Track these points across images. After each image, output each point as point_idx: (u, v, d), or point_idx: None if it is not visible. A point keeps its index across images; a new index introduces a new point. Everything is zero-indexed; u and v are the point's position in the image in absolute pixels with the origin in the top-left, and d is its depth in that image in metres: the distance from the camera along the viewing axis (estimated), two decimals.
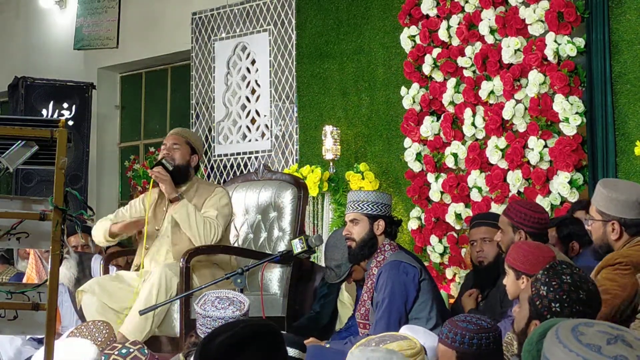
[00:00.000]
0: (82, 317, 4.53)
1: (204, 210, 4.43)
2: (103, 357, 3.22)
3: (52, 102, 7.99)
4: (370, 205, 4.07)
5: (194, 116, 7.71)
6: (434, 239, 5.80)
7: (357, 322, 4.18)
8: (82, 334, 3.60)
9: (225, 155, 7.44)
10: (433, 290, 4.06)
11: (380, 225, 4.07)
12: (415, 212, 5.96)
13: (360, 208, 4.09)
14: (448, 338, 2.83)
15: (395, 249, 4.10)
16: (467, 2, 5.69)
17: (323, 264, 4.88)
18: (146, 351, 3.34)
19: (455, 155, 5.67)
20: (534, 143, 5.24)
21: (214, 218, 4.38)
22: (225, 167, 7.42)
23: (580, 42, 5.19)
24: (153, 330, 4.18)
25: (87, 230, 6.00)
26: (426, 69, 5.88)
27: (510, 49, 5.37)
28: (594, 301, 2.61)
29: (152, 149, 8.22)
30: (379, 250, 4.07)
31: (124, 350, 3.24)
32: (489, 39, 5.55)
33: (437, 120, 5.85)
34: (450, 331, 2.84)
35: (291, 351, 3.05)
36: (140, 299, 4.14)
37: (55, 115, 7.94)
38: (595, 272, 3.10)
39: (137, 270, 4.51)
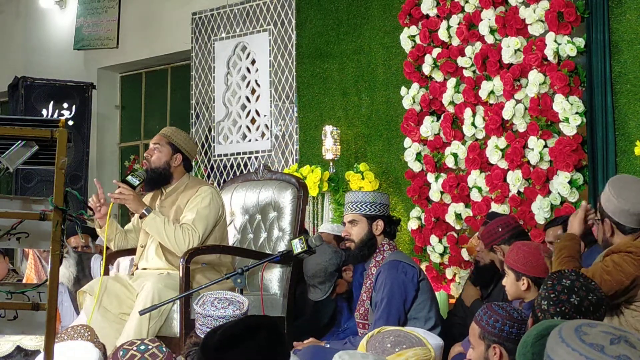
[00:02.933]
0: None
1: (184, 213, 4.41)
2: (121, 352, 3.23)
3: (52, 102, 7.99)
4: (368, 206, 4.07)
5: (194, 116, 7.71)
6: (434, 239, 5.80)
7: (357, 322, 4.18)
8: (62, 341, 3.57)
9: (225, 155, 7.44)
10: (431, 290, 4.07)
11: (379, 226, 4.08)
12: (415, 212, 5.95)
13: (358, 209, 4.09)
14: (479, 316, 2.95)
15: (394, 248, 4.11)
16: (467, 2, 5.69)
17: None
18: (164, 349, 3.35)
19: (455, 155, 5.67)
20: (534, 143, 5.24)
21: (190, 223, 4.30)
22: (225, 167, 7.42)
23: (580, 42, 5.18)
24: None
25: (87, 231, 6.02)
26: (426, 69, 5.88)
27: (510, 49, 5.37)
28: (589, 311, 2.61)
29: None
30: (377, 250, 4.07)
31: (142, 347, 3.25)
32: (489, 39, 5.55)
33: (437, 120, 5.85)
34: (483, 311, 2.97)
35: None
36: (132, 318, 4.13)
37: (55, 115, 7.94)
38: (604, 254, 3.11)
39: (137, 268, 4.51)
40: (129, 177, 4.35)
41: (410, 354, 2.57)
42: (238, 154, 7.36)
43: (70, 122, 7.90)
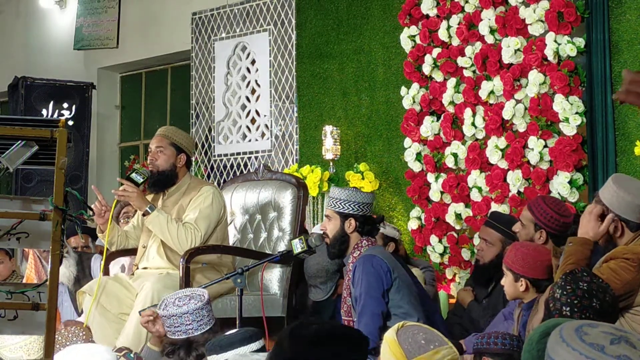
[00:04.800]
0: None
1: (187, 212, 4.41)
2: None
3: (52, 102, 7.99)
4: (341, 204, 4.03)
5: (194, 116, 7.71)
6: (434, 239, 5.80)
7: (342, 320, 4.16)
8: (58, 343, 3.55)
9: (225, 155, 7.44)
10: (408, 287, 3.99)
11: (351, 224, 4.03)
12: (415, 212, 5.95)
13: (333, 205, 4.07)
14: (473, 343, 3.09)
15: (373, 244, 4.06)
16: (467, 2, 5.69)
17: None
18: (132, 355, 3.35)
19: (455, 155, 5.67)
20: (534, 143, 5.24)
21: (192, 223, 4.30)
22: (225, 167, 7.42)
23: (580, 42, 5.19)
24: (146, 343, 4.15)
25: (87, 231, 6.01)
26: (426, 69, 5.88)
27: (510, 49, 5.37)
28: (608, 312, 2.62)
29: None
30: (356, 247, 4.03)
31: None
32: (489, 39, 5.55)
33: (437, 120, 5.85)
34: (474, 337, 3.12)
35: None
36: (131, 319, 4.12)
37: (55, 115, 7.94)
38: (603, 261, 3.08)
39: (137, 268, 4.51)
40: (133, 175, 4.34)
41: (445, 352, 2.58)
42: (238, 154, 7.36)
43: (70, 122, 7.90)
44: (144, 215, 4.35)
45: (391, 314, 3.87)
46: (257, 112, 7.32)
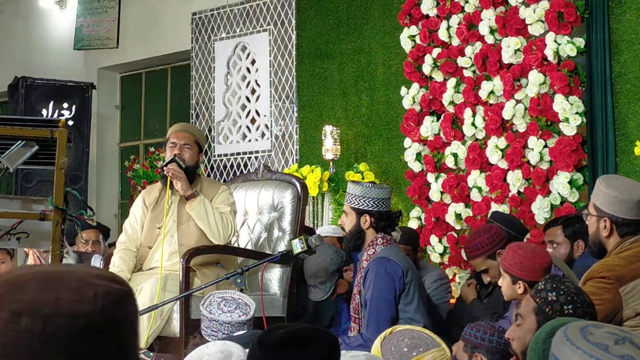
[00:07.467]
0: None
1: (217, 206, 4.43)
2: None
3: (52, 102, 7.99)
4: (357, 199, 3.99)
5: (194, 116, 7.71)
6: (434, 239, 5.80)
7: (351, 316, 4.15)
8: None
9: (225, 155, 7.44)
10: (420, 291, 4.00)
11: (366, 220, 4.00)
12: (415, 212, 5.95)
13: (348, 201, 4.04)
14: (464, 332, 3.08)
15: (389, 243, 4.02)
16: (467, 2, 5.69)
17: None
18: (151, 354, 3.36)
19: (455, 155, 5.67)
20: (534, 143, 5.24)
21: (229, 214, 4.40)
22: (225, 167, 7.42)
23: (580, 42, 5.19)
24: (147, 345, 4.13)
25: (99, 227, 5.99)
26: (426, 69, 5.88)
27: (510, 49, 5.37)
28: (594, 305, 2.69)
29: (152, 149, 8.20)
30: (370, 244, 4.00)
31: None
32: (489, 39, 5.55)
33: (437, 120, 5.85)
34: (468, 327, 3.09)
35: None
36: None
37: (55, 115, 7.94)
38: (582, 282, 3.09)
39: (139, 270, 4.48)
40: (177, 158, 4.35)
41: (429, 357, 2.56)
42: (238, 154, 7.36)
43: (70, 122, 7.89)
44: (187, 198, 4.35)
45: (398, 319, 3.86)
46: (257, 112, 7.32)
